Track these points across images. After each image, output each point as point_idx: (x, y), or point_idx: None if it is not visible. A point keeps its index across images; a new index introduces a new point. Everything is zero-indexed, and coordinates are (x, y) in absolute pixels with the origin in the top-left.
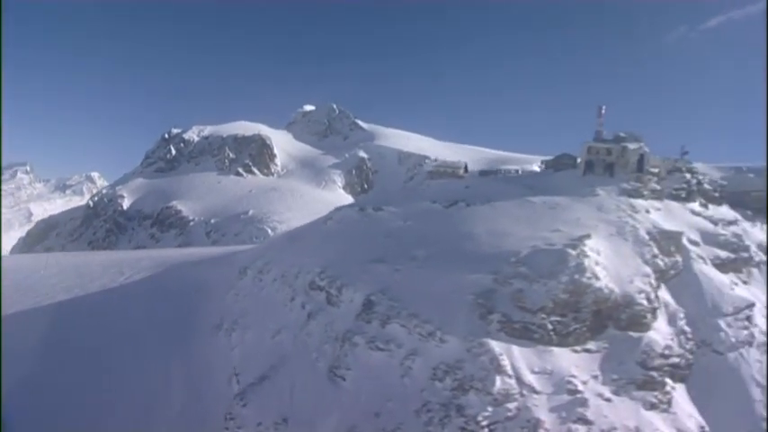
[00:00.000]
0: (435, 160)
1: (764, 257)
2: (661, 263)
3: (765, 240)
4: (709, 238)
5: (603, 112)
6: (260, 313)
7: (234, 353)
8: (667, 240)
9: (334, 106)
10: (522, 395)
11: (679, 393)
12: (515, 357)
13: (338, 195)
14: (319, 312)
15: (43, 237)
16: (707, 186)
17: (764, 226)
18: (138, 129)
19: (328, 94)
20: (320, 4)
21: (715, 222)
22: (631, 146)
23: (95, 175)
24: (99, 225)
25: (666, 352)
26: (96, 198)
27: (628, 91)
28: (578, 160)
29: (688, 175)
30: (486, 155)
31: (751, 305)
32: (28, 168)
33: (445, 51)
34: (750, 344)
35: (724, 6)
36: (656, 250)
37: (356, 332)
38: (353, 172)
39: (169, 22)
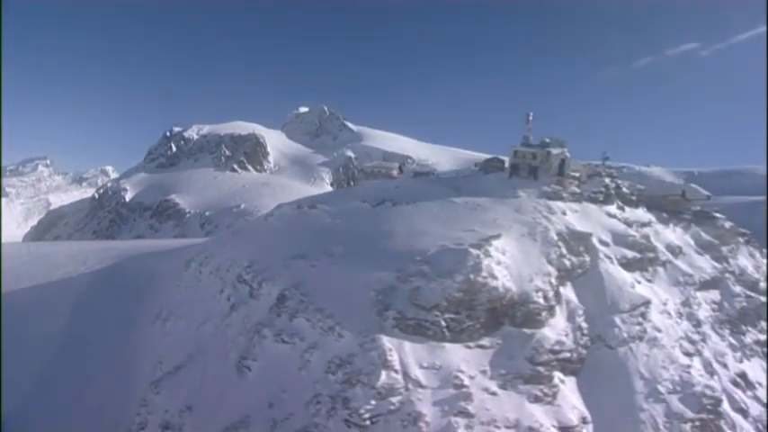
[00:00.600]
0: (413, 160)
1: (671, 257)
2: (567, 262)
3: (675, 241)
4: (619, 239)
5: (531, 118)
6: (194, 304)
7: (164, 341)
8: (577, 241)
9: (325, 108)
10: (406, 389)
11: (568, 387)
12: (405, 353)
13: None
14: (241, 305)
15: (53, 226)
16: (625, 190)
17: (677, 228)
18: (148, 126)
19: (321, 96)
20: (316, 14)
21: (629, 224)
22: (554, 151)
23: (109, 168)
24: (103, 216)
25: (557, 347)
26: (101, 191)
27: (604, 105)
28: (506, 163)
29: (607, 180)
30: (464, 156)
31: (647, 302)
32: (48, 162)
33: (433, 58)
34: (641, 339)
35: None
36: (564, 250)
37: (266, 324)
38: (341, 170)
39: (177, 29)
